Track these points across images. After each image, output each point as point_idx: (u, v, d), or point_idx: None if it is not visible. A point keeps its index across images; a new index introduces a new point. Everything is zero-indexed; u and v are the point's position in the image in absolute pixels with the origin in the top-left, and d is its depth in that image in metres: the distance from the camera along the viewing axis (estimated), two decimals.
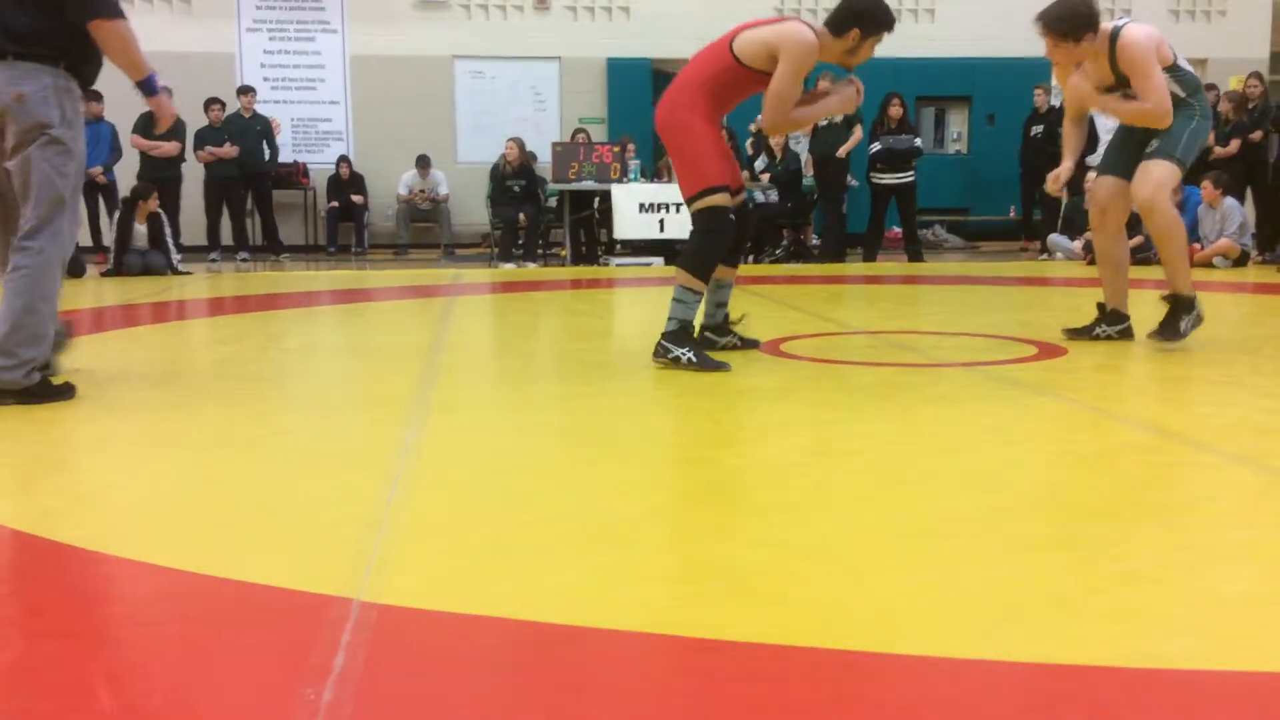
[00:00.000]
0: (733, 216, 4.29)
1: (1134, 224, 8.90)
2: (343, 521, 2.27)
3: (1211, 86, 11.48)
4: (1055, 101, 11.85)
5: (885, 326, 5.56)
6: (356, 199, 12.96)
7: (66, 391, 3.62)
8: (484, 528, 2.23)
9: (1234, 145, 10.24)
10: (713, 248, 4.28)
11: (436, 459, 2.85)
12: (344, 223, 13.01)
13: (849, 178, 11.16)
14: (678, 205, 10.60)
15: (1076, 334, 4.92)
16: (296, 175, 13.18)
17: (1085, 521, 2.29)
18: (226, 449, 3.01)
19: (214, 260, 11.54)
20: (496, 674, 1.57)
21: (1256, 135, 10.26)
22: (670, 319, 4.23)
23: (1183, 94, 4.50)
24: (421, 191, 13.01)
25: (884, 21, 4.21)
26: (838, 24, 4.18)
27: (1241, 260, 9.47)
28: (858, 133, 10.62)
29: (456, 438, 3.14)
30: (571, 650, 1.64)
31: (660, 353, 4.22)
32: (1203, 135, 4.56)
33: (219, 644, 1.67)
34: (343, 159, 13.14)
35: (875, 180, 10.94)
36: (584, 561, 2.01)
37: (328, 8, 13.52)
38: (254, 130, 12.05)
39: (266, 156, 12.16)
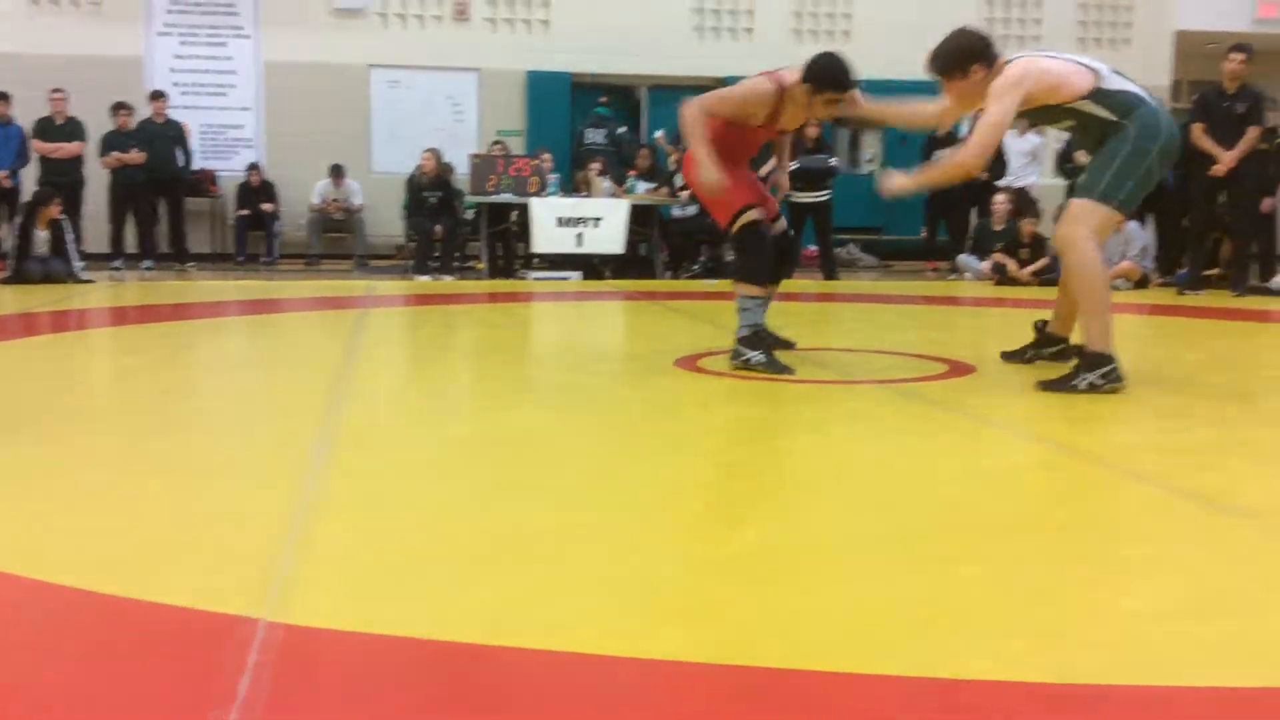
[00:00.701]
0: (763, 228, 4.66)
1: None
2: (249, 539, 2.22)
3: None
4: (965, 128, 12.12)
5: (800, 343, 5.61)
6: (267, 207, 12.73)
7: None
8: (397, 545, 2.20)
9: None
10: (755, 254, 4.67)
11: (348, 474, 2.81)
12: (253, 231, 12.76)
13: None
14: (596, 219, 10.61)
15: (1011, 356, 4.80)
16: (205, 182, 12.91)
17: (993, 537, 2.33)
18: (127, 464, 2.92)
19: (117, 269, 11.24)
20: (409, 696, 1.54)
21: None
22: (741, 326, 4.57)
23: (1113, 117, 4.07)
24: (335, 201, 12.83)
25: (835, 82, 4.45)
26: (803, 76, 4.49)
27: (1143, 283, 9.76)
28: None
29: (369, 452, 3.09)
30: (486, 671, 1.62)
31: (734, 356, 4.56)
32: (1143, 157, 4.02)
33: (119, 666, 1.62)
34: (253, 166, 12.90)
35: (791, 199, 11.06)
36: (499, 579, 1.99)
37: (241, 13, 13.29)
38: (167, 136, 11.78)
39: (181, 163, 11.89)
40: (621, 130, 12.46)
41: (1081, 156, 4.71)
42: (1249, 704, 1.54)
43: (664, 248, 11.45)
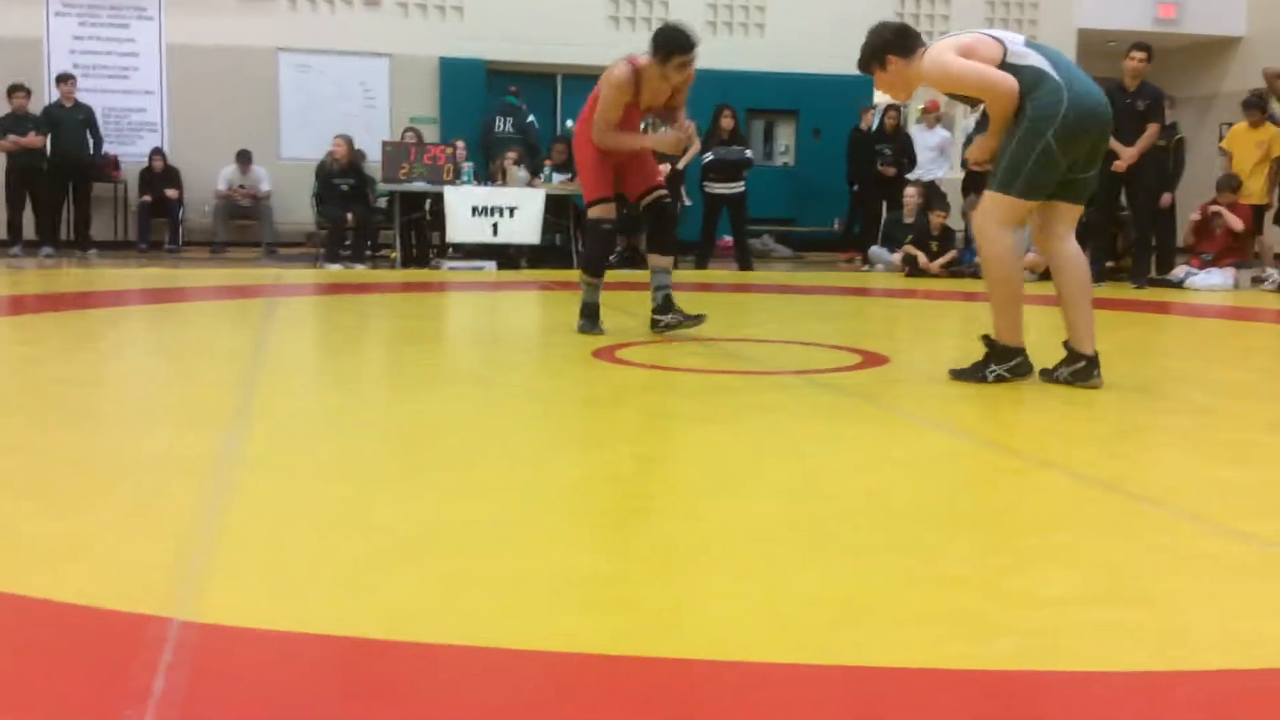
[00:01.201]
0: (607, 225, 5.41)
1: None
2: (159, 536, 2.15)
3: None
4: (878, 122, 12.31)
5: (716, 334, 5.64)
6: (171, 193, 12.40)
7: None
8: (309, 539, 2.15)
9: None
10: (594, 246, 5.50)
11: (258, 467, 2.74)
12: (157, 218, 12.43)
13: (683, 195, 11.30)
14: (512, 209, 10.54)
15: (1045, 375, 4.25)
16: (107, 168, 12.53)
17: (908, 526, 2.36)
18: (28, 458, 2.82)
19: (15, 255, 10.86)
20: (323, 693, 1.51)
21: None
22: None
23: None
24: (241, 187, 12.55)
25: (673, 46, 4.94)
26: (651, 52, 5.00)
27: (1047, 274, 9.99)
28: (696, 144, 10.76)
29: (279, 445, 3.03)
30: (402, 666, 1.59)
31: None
32: (1036, 139, 3.79)
33: (28, 667, 1.56)
34: (157, 151, 12.56)
35: (708, 190, 11.11)
36: (414, 573, 1.96)
37: None
38: (76, 120, 11.42)
39: (90, 148, 11.53)
40: (530, 120, 12.38)
41: (972, 151, 4.53)
42: (1163, 688, 1.57)
43: (580, 238, 11.42)
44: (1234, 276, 9.50)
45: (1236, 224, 9.61)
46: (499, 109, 12.27)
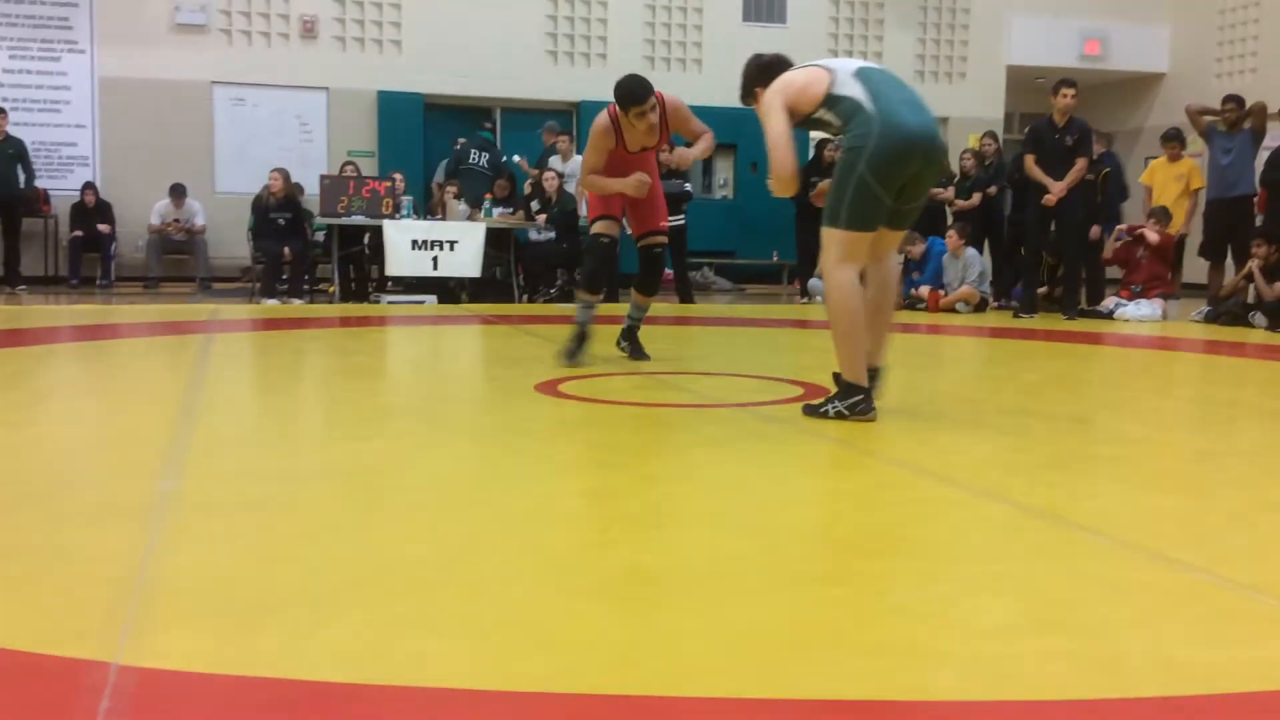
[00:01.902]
0: (606, 239, 5.69)
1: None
2: (96, 578, 2.11)
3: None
4: (813, 154, 12.46)
5: (658, 367, 5.66)
6: (103, 228, 12.22)
7: None
8: (252, 581, 2.12)
9: (976, 198, 11.02)
10: (591, 261, 5.84)
11: (197, 508, 2.70)
12: (89, 253, 12.24)
13: (624, 223, 11.35)
14: (452, 243, 10.52)
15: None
16: (37, 202, 12.31)
17: (851, 557, 2.39)
18: None
19: None
20: None
21: (992, 190, 11.08)
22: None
23: (839, 123, 3.93)
24: (176, 221, 12.40)
25: (626, 99, 5.28)
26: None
27: (981, 306, 10.18)
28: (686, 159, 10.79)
29: (219, 484, 2.98)
30: (351, 710, 1.57)
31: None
32: (850, 171, 3.82)
33: None
34: (88, 186, 12.38)
35: None
36: (361, 614, 1.94)
37: (75, 27, 12.75)
38: (6, 154, 11.23)
39: (22, 182, 11.33)
40: (509, 158, 12.39)
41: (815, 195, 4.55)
42: (1103, 716, 1.60)
43: (520, 271, 11.42)
44: (1162, 307, 9.74)
45: (1153, 237, 9.86)
46: (474, 143, 12.27)
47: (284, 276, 10.93)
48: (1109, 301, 9.97)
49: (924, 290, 10.36)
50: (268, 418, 4.42)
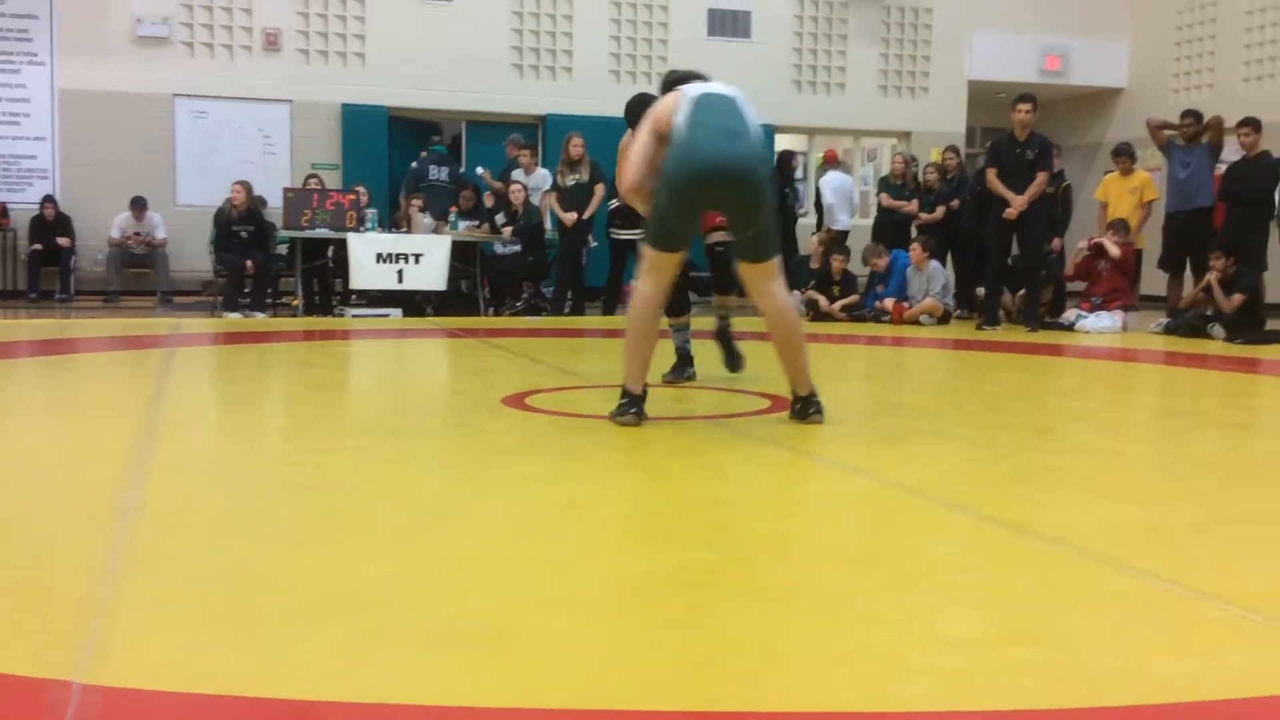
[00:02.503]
0: (720, 247, 5.44)
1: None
2: (58, 596, 2.08)
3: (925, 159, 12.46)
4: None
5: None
6: (63, 241, 12.07)
7: None
8: (217, 597, 2.10)
9: (940, 211, 11.12)
10: (715, 269, 5.67)
11: (161, 524, 2.67)
12: (48, 267, 12.08)
13: (590, 238, 11.36)
14: (417, 256, 10.47)
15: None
16: None
17: (821, 568, 2.39)
18: None
19: None
20: None
21: (954, 203, 11.18)
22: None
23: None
24: (136, 234, 12.27)
25: (631, 119, 4.74)
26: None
27: (945, 318, 10.25)
28: (599, 191, 10.82)
29: (182, 500, 2.95)
30: None
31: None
32: (659, 192, 4.00)
33: None
34: (48, 199, 12.22)
35: (614, 235, 11.15)
36: (330, 629, 1.92)
37: (35, 39, 12.61)
38: None
39: None
40: (473, 170, 12.39)
41: None
42: None
43: (486, 284, 11.39)
44: (1122, 319, 9.85)
45: (1114, 251, 9.97)
46: (432, 159, 12.25)
47: (246, 290, 10.84)
48: (1070, 313, 10.07)
49: (888, 303, 10.42)
50: (232, 432, 4.38)
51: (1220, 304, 9.17)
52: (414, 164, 12.32)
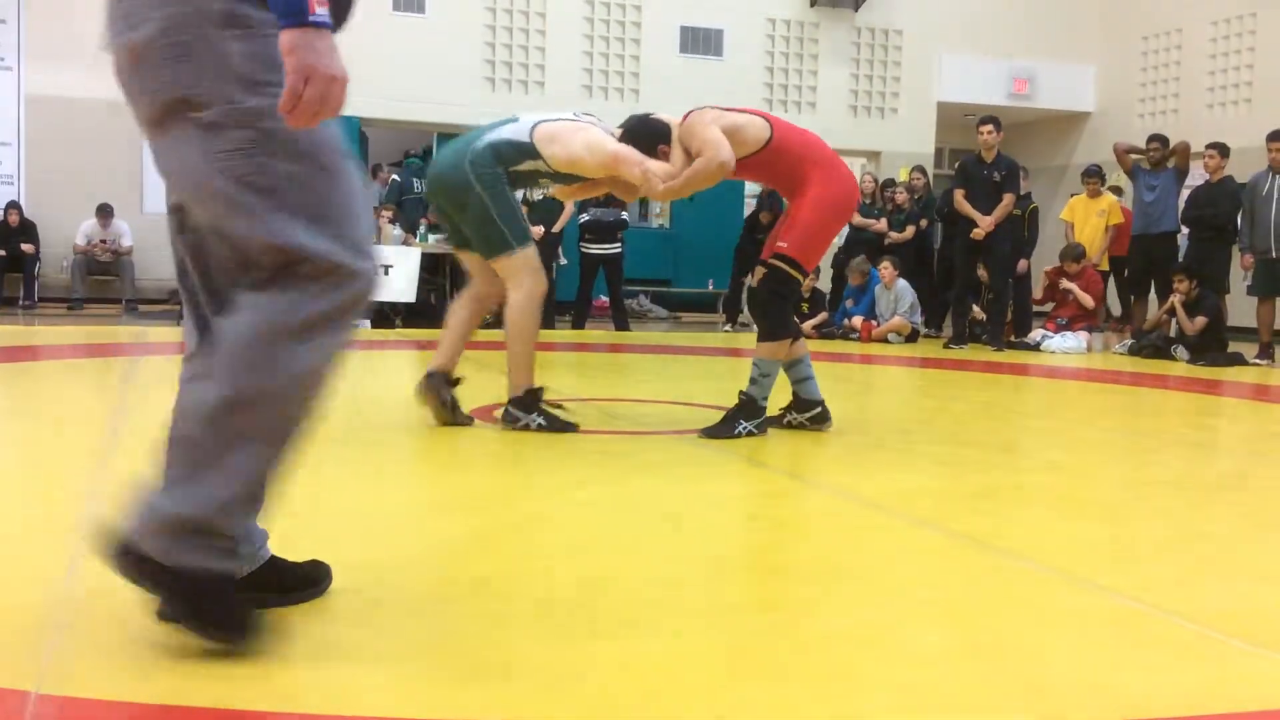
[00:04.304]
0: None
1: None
2: (16, 605, 2.05)
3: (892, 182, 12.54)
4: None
5: (595, 394, 5.66)
6: (27, 248, 11.95)
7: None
8: None
9: (909, 231, 11.20)
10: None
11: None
12: (11, 273, 11.95)
13: (560, 253, 11.36)
14: (387, 267, 10.43)
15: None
16: None
17: (787, 584, 2.40)
18: None
19: None
20: None
21: (923, 223, 11.27)
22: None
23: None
24: (102, 242, 12.16)
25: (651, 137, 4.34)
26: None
27: (912, 337, 10.32)
28: (569, 206, 10.83)
29: None
30: None
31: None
32: None
33: None
34: (12, 205, 12.10)
35: (584, 250, 11.19)
36: (287, 642, 1.90)
37: (3, 44, 12.50)
38: None
39: None
40: None
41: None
42: None
43: (454, 297, 11.37)
44: (1087, 339, 9.95)
45: (1088, 301, 10.08)
46: (412, 171, 12.33)
47: None
48: (1036, 333, 10.16)
49: (857, 321, 10.48)
50: None
51: (1184, 326, 9.29)
52: (395, 177, 12.35)
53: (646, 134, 4.26)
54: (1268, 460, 4.50)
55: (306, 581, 2.12)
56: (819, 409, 4.51)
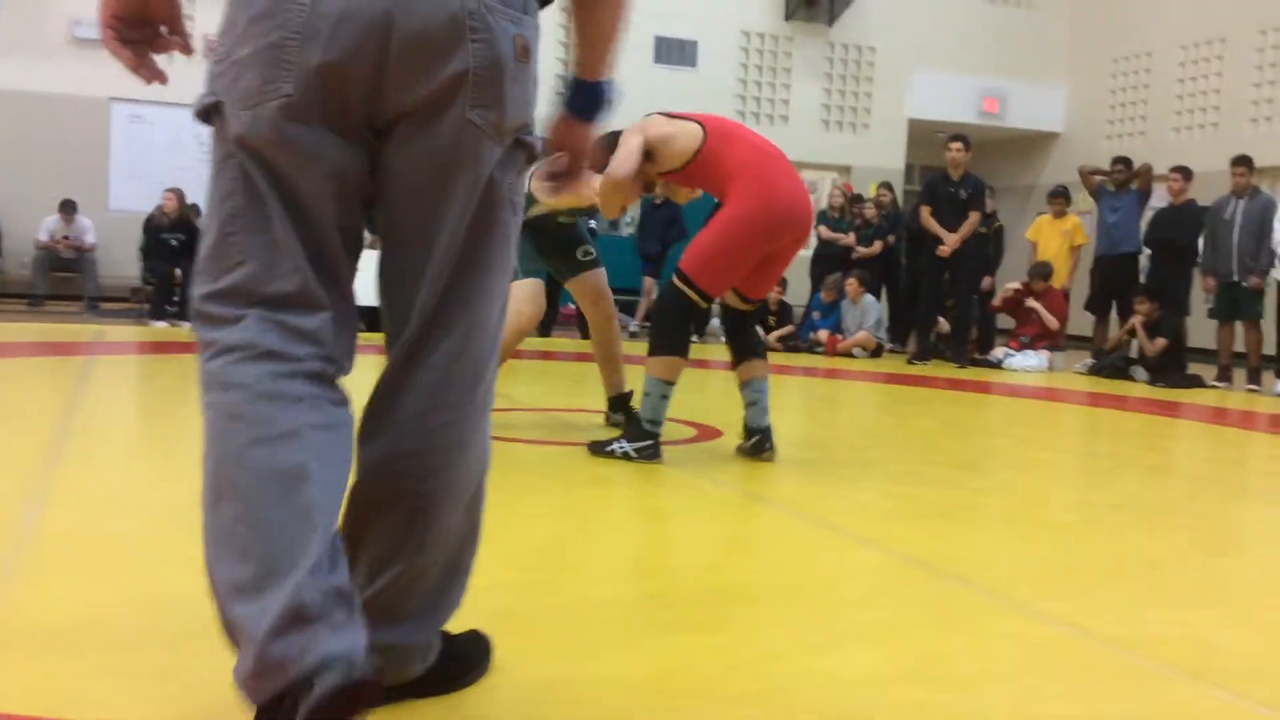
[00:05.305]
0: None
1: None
2: None
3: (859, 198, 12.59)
4: None
5: (554, 404, 5.64)
6: None
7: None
8: (109, 621, 2.04)
9: (877, 246, 11.24)
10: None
11: (58, 541, 2.59)
12: None
13: None
14: None
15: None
16: None
17: (728, 604, 2.38)
18: None
19: None
20: None
21: (890, 239, 11.31)
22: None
23: None
24: (65, 238, 12.02)
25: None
26: None
27: (877, 352, 10.35)
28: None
29: (84, 516, 2.87)
30: None
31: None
32: None
33: None
34: None
35: None
36: (221, 658, 1.86)
37: None
38: None
39: None
40: None
41: None
42: None
43: None
44: (1049, 358, 10.01)
45: (1052, 323, 10.16)
46: None
47: (175, 298, 10.65)
48: (998, 351, 10.22)
49: (823, 334, 10.51)
50: (145, 446, 4.28)
51: (1144, 347, 9.36)
52: None
53: (603, 147, 4.24)
54: (1217, 485, 4.53)
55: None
56: (758, 437, 4.20)
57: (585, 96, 1.76)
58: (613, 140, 4.20)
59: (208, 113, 1.56)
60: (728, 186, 3.96)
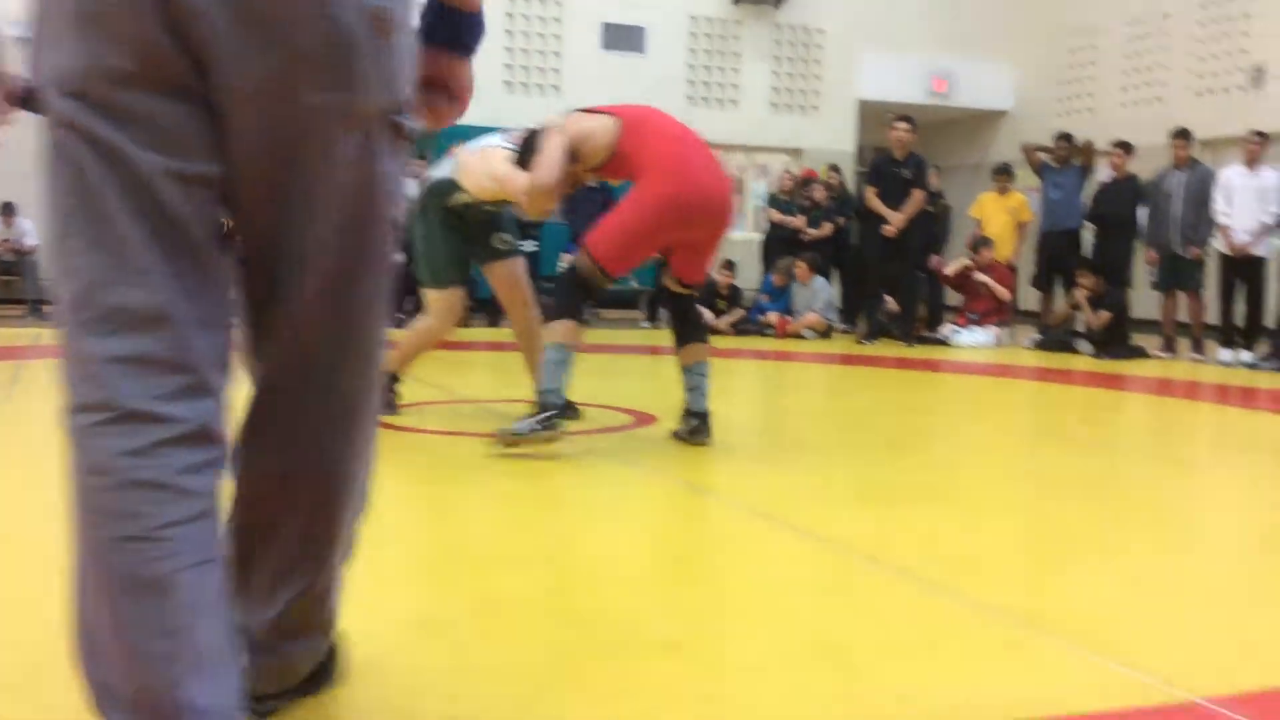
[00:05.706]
0: None
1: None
2: None
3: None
4: None
5: (494, 395, 5.61)
6: None
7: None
8: (34, 638, 2.00)
9: (826, 228, 11.25)
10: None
11: None
12: None
13: None
14: None
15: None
16: None
17: (637, 590, 2.38)
18: None
19: None
20: None
21: (841, 220, 11.33)
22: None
23: None
24: (5, 241, 11.83)
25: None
26: None
27: (827, 333, 10.38)
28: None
29: (4, 528, 2.82)
30: None
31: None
32: None
33: None
34: None
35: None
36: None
37: None
38: None
39: None
40: None
41: None
42: None
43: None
44: (996, 334, 10.07)
45: (1004, 294, 10.22)
46: None
47: None
48: (946, 328, 10.27)
49: (772, 316, 10.52)
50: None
51: (1088, 320, 9.44)
52: None
53: (529, 150, 4.18)
54: (1141, 457, 4.58)
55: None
56: (696, 423, 4.16)
57: (463, 27, 1.54)
58: (533, 141, 4.14)
59: (29, 99, 1.39)
60: (639, 176, 3.98)
